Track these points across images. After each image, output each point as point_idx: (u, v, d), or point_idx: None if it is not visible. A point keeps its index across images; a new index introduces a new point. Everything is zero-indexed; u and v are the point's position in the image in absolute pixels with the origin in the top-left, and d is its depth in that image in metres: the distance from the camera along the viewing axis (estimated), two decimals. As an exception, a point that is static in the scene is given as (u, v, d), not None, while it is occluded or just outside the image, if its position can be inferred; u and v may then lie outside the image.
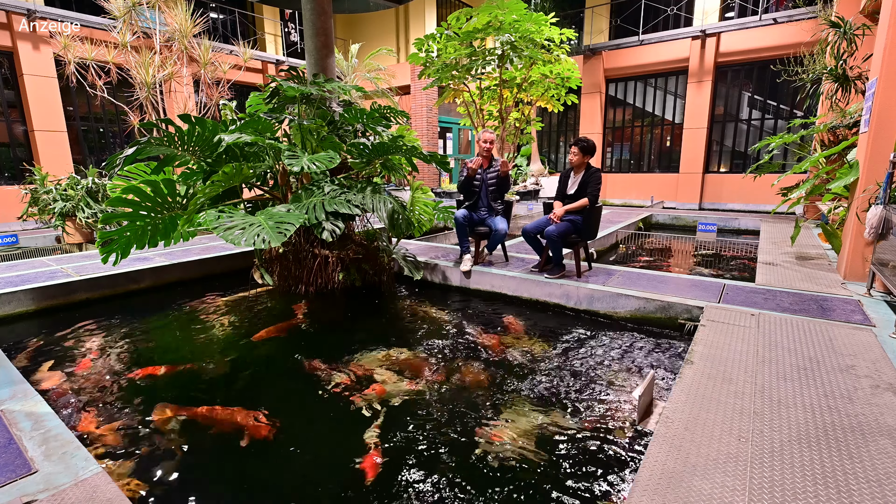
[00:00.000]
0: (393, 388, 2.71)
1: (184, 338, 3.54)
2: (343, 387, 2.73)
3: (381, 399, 2.59)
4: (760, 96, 10.92)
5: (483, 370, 2.96)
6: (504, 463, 2.07)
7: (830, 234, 4.78)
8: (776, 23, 9.92)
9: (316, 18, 4.97)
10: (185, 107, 9.08)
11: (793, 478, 1.61)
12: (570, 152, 4.24)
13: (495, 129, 8.91)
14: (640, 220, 8.82)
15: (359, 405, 2.52)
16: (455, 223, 4.50)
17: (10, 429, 1.91)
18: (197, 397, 2.65)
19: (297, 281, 4.35)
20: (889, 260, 3.36)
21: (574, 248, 4.26)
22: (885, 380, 2.30)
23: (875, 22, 5.85)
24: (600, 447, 2.17)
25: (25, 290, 3.87)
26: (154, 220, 3.46)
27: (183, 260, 4.89)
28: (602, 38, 12.88)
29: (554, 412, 2.47)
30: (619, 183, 12.90)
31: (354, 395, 2.63)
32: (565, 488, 1.91)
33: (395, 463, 2.06)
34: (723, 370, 2.42)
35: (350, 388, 2.72)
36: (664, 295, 3.69)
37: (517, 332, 3.61)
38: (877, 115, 3.77)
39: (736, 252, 6.71)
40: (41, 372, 2.90)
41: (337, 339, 3.55)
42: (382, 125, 4.48)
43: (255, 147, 3.85)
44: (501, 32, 7.64)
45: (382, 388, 2.69)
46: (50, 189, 6.23)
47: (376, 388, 2.69)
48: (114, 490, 1.58)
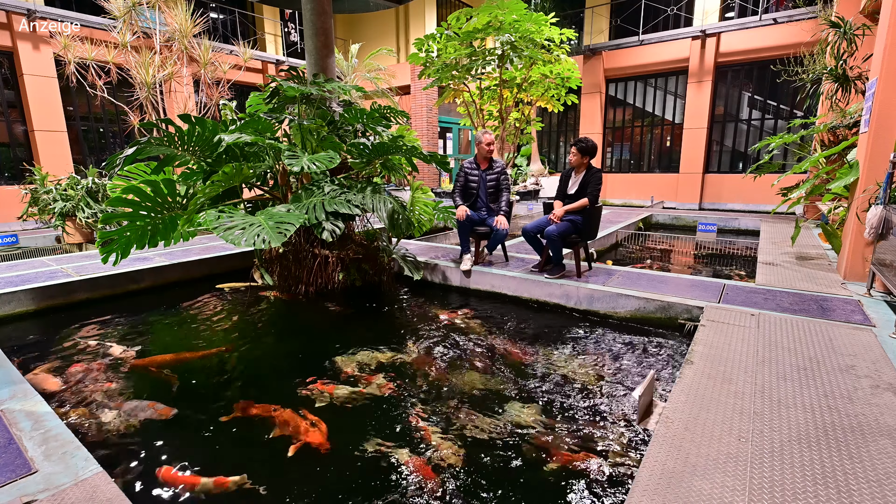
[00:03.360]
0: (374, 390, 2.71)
1: (182, 336, 3.54)
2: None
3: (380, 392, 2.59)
4: (760, 96, 10.92)
5: (482, 370, 2.96)
6: (504, 463, 2.07)
7: (830, 234, 4.77)
8: (776, 23, 9.91)
9: (316, 18, 4.97)
10: (185, 107, 9.07)
11: (793, 478, 1.61)
12: (570, 153, 4.24)
13: (495, 130, 8.90)
14: (641, 221, 8.82)
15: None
16: (456, 223, 4.50)
17: (10, 429, 1.91)
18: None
19: (296, 281, 4.35)
20: (889, 260, 3.36)
21: (574, 248, 4.26)
22: (885, 380, 2.30)
23: (875, 22, 5.85)
24: (600, 447, 2.17)
25: (25, 290, 3.87)
26: (154, 220, 3.46)
27: (183, 260, 4.89)
28: (602, 38, 12.88)
29: (553, 412, 2.47)
30: (619, 183, 12.90)
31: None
32: (565, 488, 1.91)
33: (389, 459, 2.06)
34: (723, 370, 2.42)
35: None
36: (664, 295, 3.69)
37: (518, 332, 3.61)
38: (877, 115, 3.77)
39: (736, 252, 6.71)
40: (37, 373, 2.90)
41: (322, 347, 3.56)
42: (382, 125, 4.48)
43: (255, 147, 3.85)
44: (501, 32, 7.64)
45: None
46: (50, 189, 6.23)
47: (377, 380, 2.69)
48: (114, 490, 1.58)
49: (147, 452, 2.14)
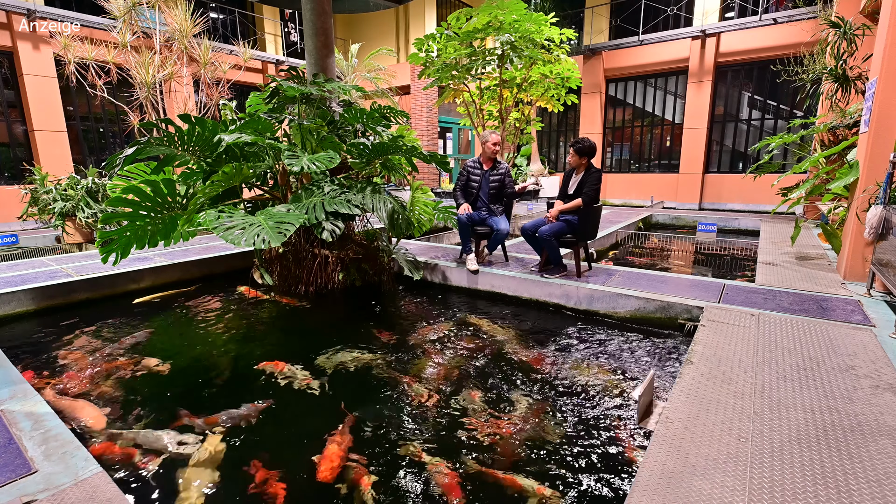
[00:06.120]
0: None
1: (182, 337, 3.54)
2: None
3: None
4: (760, 96, 10.92)
5: (481, 369, 2.96)
6: (503, 463, 2.07)
7: (830, 234, 4.77)
8: (776, 23, 9.91)
9: (316, 18, 4.97)
10: (185, 107, 9.07)
11: (793, 478, 1.61)
12: (569, 154, 4.25)
13: (495, 129, 8.90)
14: (640, 220, 8.82)
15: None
16: (458, 223, 4.50)
17: (10, 429, 1.91)
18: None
19: (296, 281, 4.35)
20: (889, 260, 3.36)
21: (574, 248, 4.26)
22: (885, 380, 2.30)
23: (875, 22, 5.85)
24: (599, 447, 2.17)
25: (25, 290, 3.87)
26: (154, 220, 3.45)
27: (183, 260, 4.89)
28: (602, 38, 12.88)
29: (552, 412, 2.47)
30: (619, 183, 12.90)
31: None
32: (565, 489, 1.91)
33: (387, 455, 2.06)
34: (723, 370, 2.42)
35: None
36: (664, 295, 3.68)
37: (517, 331, 3.61)
38: (877, 115, 3.77)
39: (736, 252, 6.71)
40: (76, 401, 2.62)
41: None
42: (382, 125, 4.48)
43: (255, 147, 3.85)
44: (501, 32, 7.64)
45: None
46: (50, 189, 6.23)
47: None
48: (114, 490, 1.58)
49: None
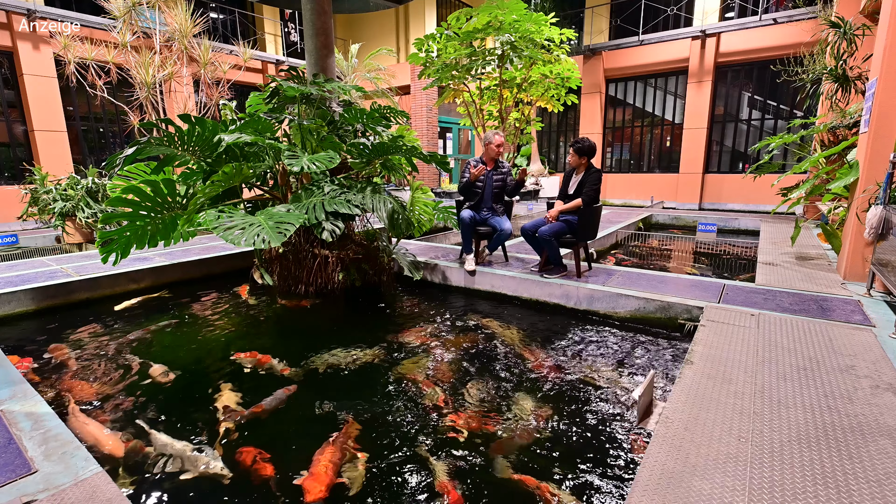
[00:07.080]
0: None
1: (181, 337, 3.54)
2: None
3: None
4: (760, 96, 10.92)
5: (481, 369, 2.96)
6: (503, 463, 2.06)
7: (830, 234, 4.77)
8: (776, 23, 9.91)
9: (316, 18, 4.97)
10: (185, 107, 9.07)
11: (793, 478, 1.61)
12: (569, 154, 4.25)
13: (497, 130, 8.91)
14: (640, 221, 8.82)
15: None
16: (460, 223, 4.50)
17: (10, 429, 1.91)
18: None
19: (296, 281, 4.35)
20: (889, 260, 3.36)
21: (573, 248, 4.26)
22: (885, 380, 2.30)
23: (875, 22, 5.85)
24: (599, 447, 2.17)
25: (25, 289, 3.87)
26: (154, 220, 3.45)
27: (183, 260, 4.89)
28: (602, 38, 12.88)
29: (552, 412, 2.47)
30: (619, 183, 12.90)
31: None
32: (564, 488, 1.91)
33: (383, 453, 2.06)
34: (723, 370, 2.42)
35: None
36: (664, 295, 3.68)
37: (516, 331, 3.61)
38: (877, 115, 3.77)
39: (736, 252, 6.71)
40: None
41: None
42: (382, 125, 4.48)
43: (255, 147, 3.85)
44: (501, 32, 7.65)
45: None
46: (50, 189, 6.23)
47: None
48: (114, 490, 1.58)
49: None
